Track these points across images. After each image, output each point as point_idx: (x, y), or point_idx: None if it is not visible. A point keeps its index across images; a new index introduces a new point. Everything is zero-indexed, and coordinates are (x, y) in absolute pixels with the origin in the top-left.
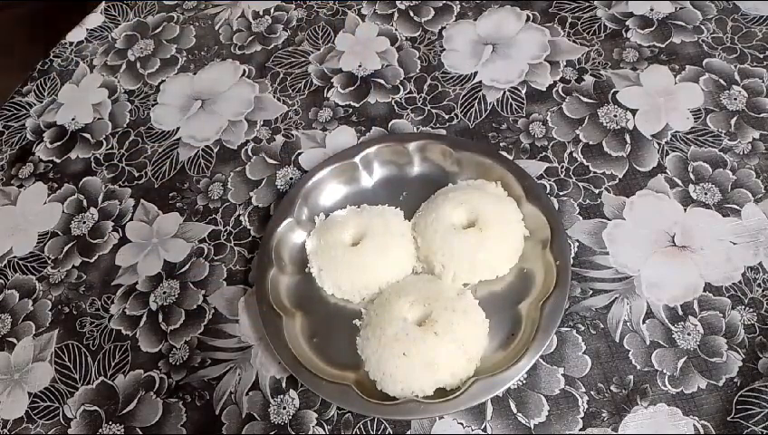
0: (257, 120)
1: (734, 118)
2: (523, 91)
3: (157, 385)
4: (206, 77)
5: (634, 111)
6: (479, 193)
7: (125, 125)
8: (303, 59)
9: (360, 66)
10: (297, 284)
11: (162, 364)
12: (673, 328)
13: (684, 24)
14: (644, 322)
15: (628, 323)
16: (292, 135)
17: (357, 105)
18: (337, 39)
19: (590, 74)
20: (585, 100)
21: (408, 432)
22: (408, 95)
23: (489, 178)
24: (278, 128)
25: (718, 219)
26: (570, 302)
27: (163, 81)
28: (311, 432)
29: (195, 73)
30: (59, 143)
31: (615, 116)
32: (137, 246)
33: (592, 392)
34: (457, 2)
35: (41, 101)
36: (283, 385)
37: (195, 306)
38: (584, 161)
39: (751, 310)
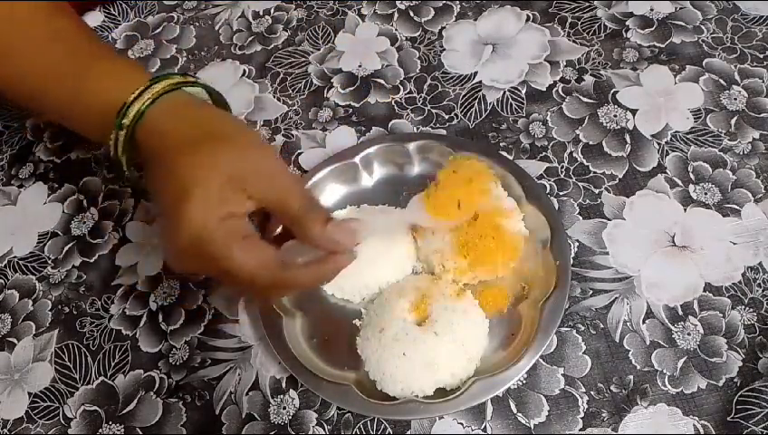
0: (257, 121)
1: (734, 118)
2: (523, 91)
3: (157, 385)
4: (206, 77)
5: (634, 111)
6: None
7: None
8: (303, 59)
9: (359, 66)
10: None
11: (162, 364)
12: (673, 328)
13: (684, 23)
14: (644, 322)
15: (628, 323)
16: (293, 135)
17: (357, 105)
18: (337, 39)
19: (590, 74)
20: (585, 100)
21: (408, 432)
22: (408, 95)
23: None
24: (278, 128)
25: (718, 219)
26: (570, 302)
27: None
28: (311, 432)
29: (195, 74)
30: (59, 143)
31: (615, 116)
32: (137, 246)
33: (592, 392)
34: (457, 2)
35: None
36: (283, 385)
37: (195, 306)
38: (584, 161)
39: (751, 310)
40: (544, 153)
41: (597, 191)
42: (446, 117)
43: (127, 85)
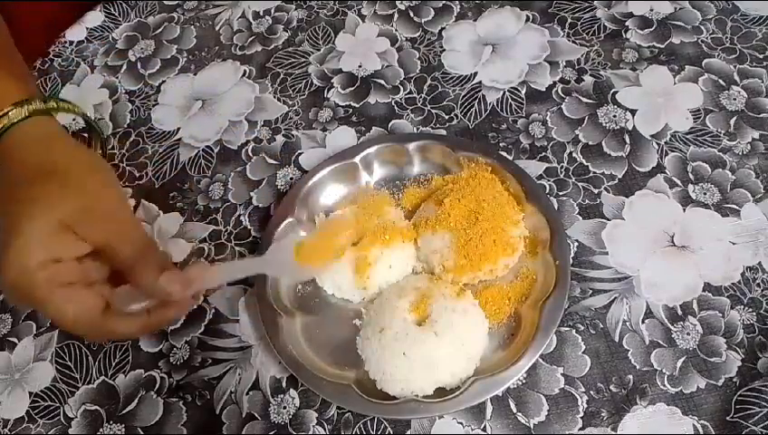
0: (258, 121)
1: (734, 118)
2: (523, 92)
3: (157, 385)
4: (207, 77)
5: (633, 112)
6: (479, 193)
7: (126, 125)
8: (304, 59)
9: (360, 67)
10: (297, 284)
11: (163, 364)
12: (672, 328)
13: (683, 24)
14: (643, 321)
15: (627, 323)
16: (293, 135)
17: (357, 105)
18: (337, 39)
19: (590, 75)
20: (585, 100)
21: (408, 432)
22: (408, 95)
23: None
24: (278, 128)
25: (717, 219)
26: (569, 302)
27: (164, 81)
28: (311, 432)
29: (195, 74)
30: None
31: (614, 116)
32: None
33: (592, 392)
34: (457, 2)
35: None
36: (284, 385)
37: (195, 306)
38: (584, 161)
39: (750, 310)
40: (544, 153)
41: (596, 191)
42: (446, 117)
43: None
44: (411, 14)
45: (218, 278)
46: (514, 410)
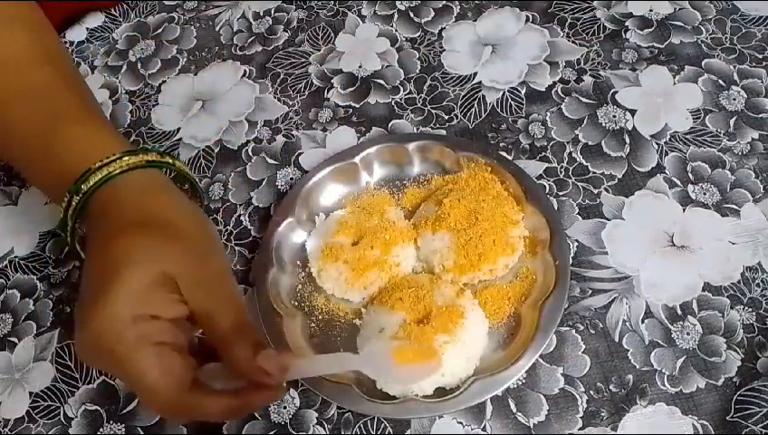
0: (258, 121)
1: (733, 118)
2: (523, 92)
3: None
4: (207, 78)
5: (633, 112)
6: (479, 193)
7: (126, 125)
8: (304, 60)
9: (360, 67)
10: (297, 284)
11: None
12: (672, 328)
13: (683, 24)
14: (643, 321)
15: (627, 323)
16: (293, 135)
17: (357, 106)
18: (337, 40)
19: (590, 75)
20: (584, 100)
21: (408, 432)
22: (408, 96)
23: None
24: (278, 128)
25: (717, 219)
26: (569, 301)
27: (164, 81)
28: (311, 432)
29: (195, 74)
30: None
31: (614, 116)
32: None
33: (591, 392)
34: (457, 2)
35: None
36: (283, 384)
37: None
38: (583, 161)
39: (750, 310)
40: (544, 153)
41: (596, 191)
42: (446, 117)
43: (96, 152)
44: (411, 15)
45: (315, 369)
46: (514, 410)
